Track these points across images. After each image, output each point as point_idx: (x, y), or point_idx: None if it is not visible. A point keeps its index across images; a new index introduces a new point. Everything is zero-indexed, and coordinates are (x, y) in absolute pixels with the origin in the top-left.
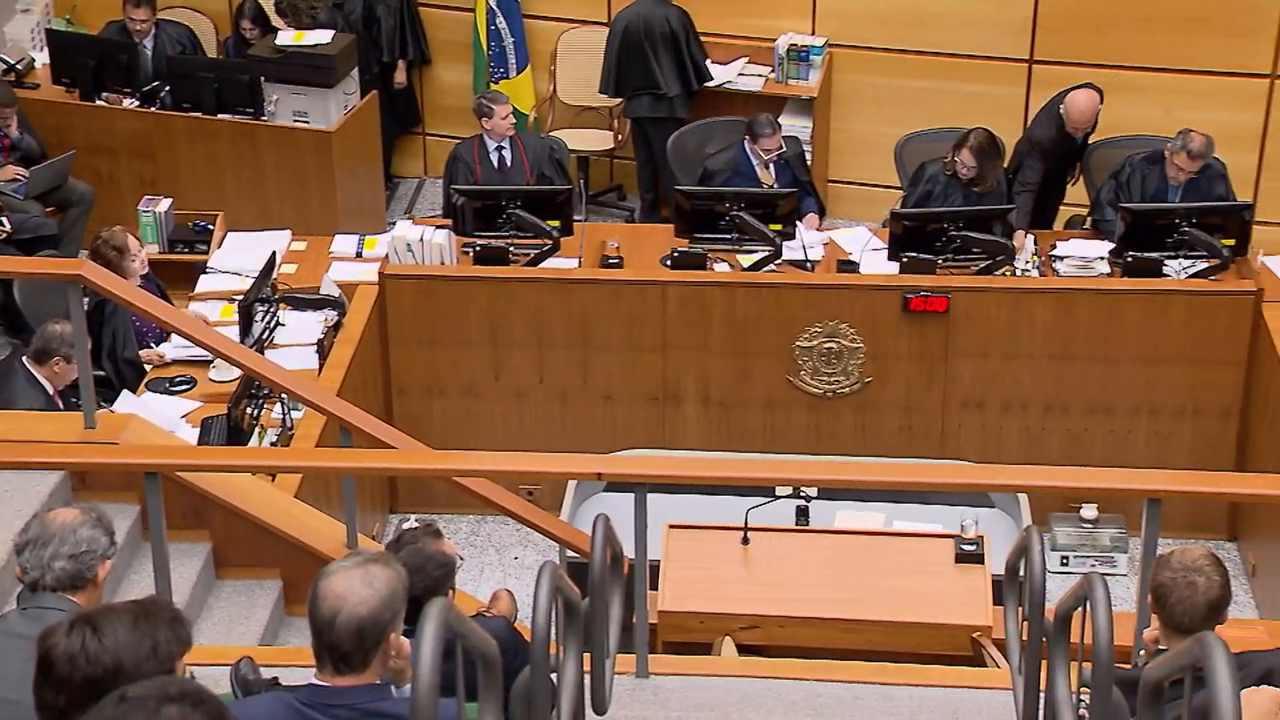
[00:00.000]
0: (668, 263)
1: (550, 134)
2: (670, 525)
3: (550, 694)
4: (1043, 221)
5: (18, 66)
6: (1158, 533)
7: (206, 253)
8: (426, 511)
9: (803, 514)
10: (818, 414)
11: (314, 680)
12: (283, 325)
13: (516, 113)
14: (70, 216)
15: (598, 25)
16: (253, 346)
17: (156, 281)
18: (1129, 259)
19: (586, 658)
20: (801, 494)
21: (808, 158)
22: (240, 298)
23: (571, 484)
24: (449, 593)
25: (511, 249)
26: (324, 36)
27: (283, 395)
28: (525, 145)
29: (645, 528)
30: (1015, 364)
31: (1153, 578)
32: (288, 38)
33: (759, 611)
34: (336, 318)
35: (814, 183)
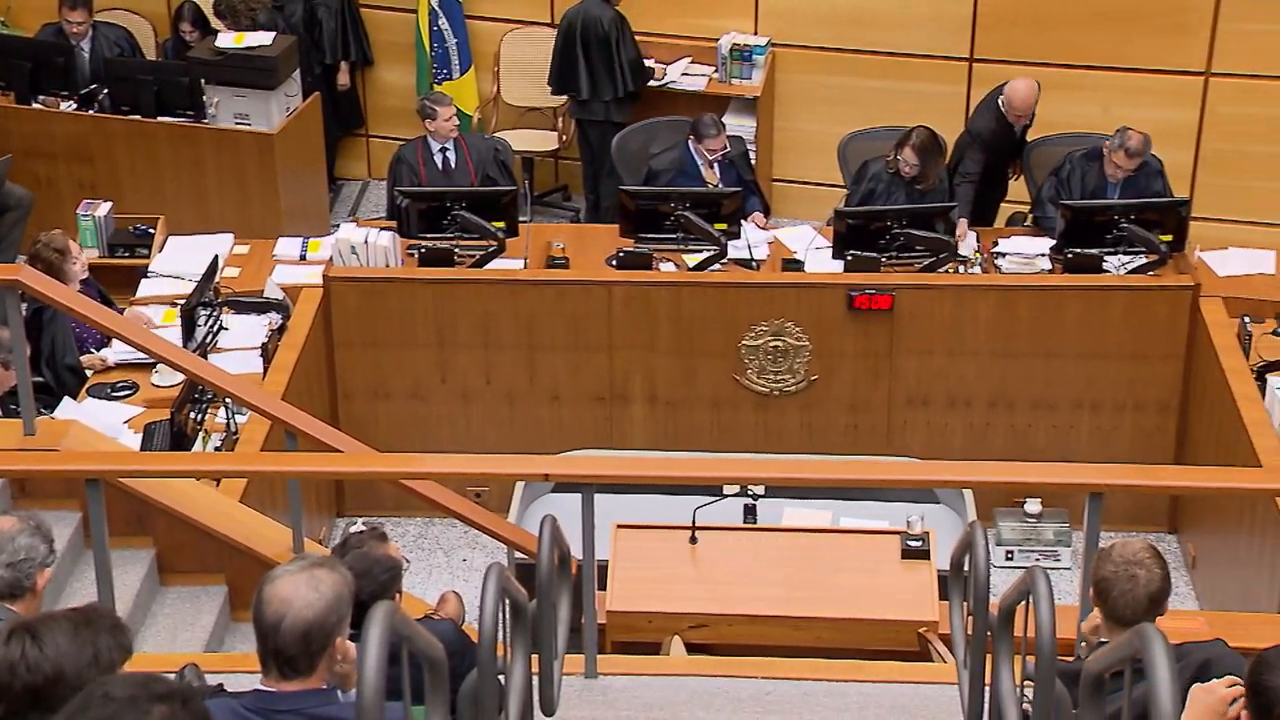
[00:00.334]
0: (613, 263)
1: (494, 135)
2: (618, 525)
3: (498, 696)
4: (985, 219)
5: None
6: (1100, 526)
7: (147, 257)
8: (374, 515)
9: (750, 512)
10: (764, 412)
11: (259, 686)
12: (226, 329)
13: (460, 114)
14: (7, 221)
15: (541, 26)
16: (196, 351)
17: (97, 286)
18: (1069, 255)
19: (535, 659)
20: (749, 492)
21: (752, 157)
22: (182, 302)
23: (519, 485)
24: (395, 596)
25: (457, 250)
26: (264, 38)
27: (227, 400)
28: (469, 146)
29: (593, 528)
30: (959, 360)
31: (1094, 571)
32: (228, 40)
33: (707, 610)
34: (280, 321)
35: (758, 182)
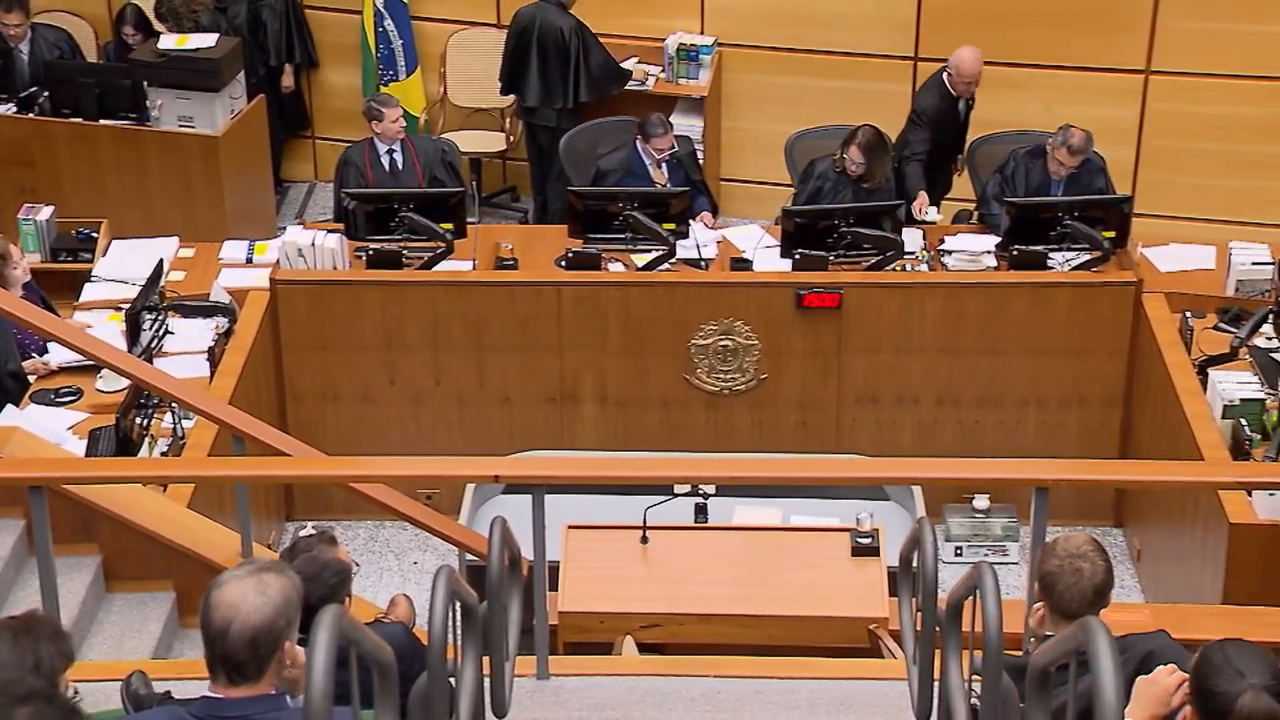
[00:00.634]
0: (562, 263)
1: (441, 136)
2: (569, 526)
3: (449, 698)
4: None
5: None
6: (1046, 521)
7: (91, 261)
8: (324, 518)
9: (701, 511)
10: (714, 411)
11: (207, 693)
12: (171, 333)
13: (407, 115)
14: None
15: (487, 26)
16: (141, 355)
17: (40, 292)
18: (1014, 252)
19: (487, 661)
20: (700, 492)
21: (699, 156)
22: (127, 306)
23: (470, 487)
24: (345, 600)
25: (405, 252)
26: (208, 40)
27: (173, 404)
28: (416, 148)
29: (544, 529)
30: (907, 358)
31: (1039, 566)
32: (170, 42)
33: (659, 610)
34: (227, 324)
35: (706, 181)
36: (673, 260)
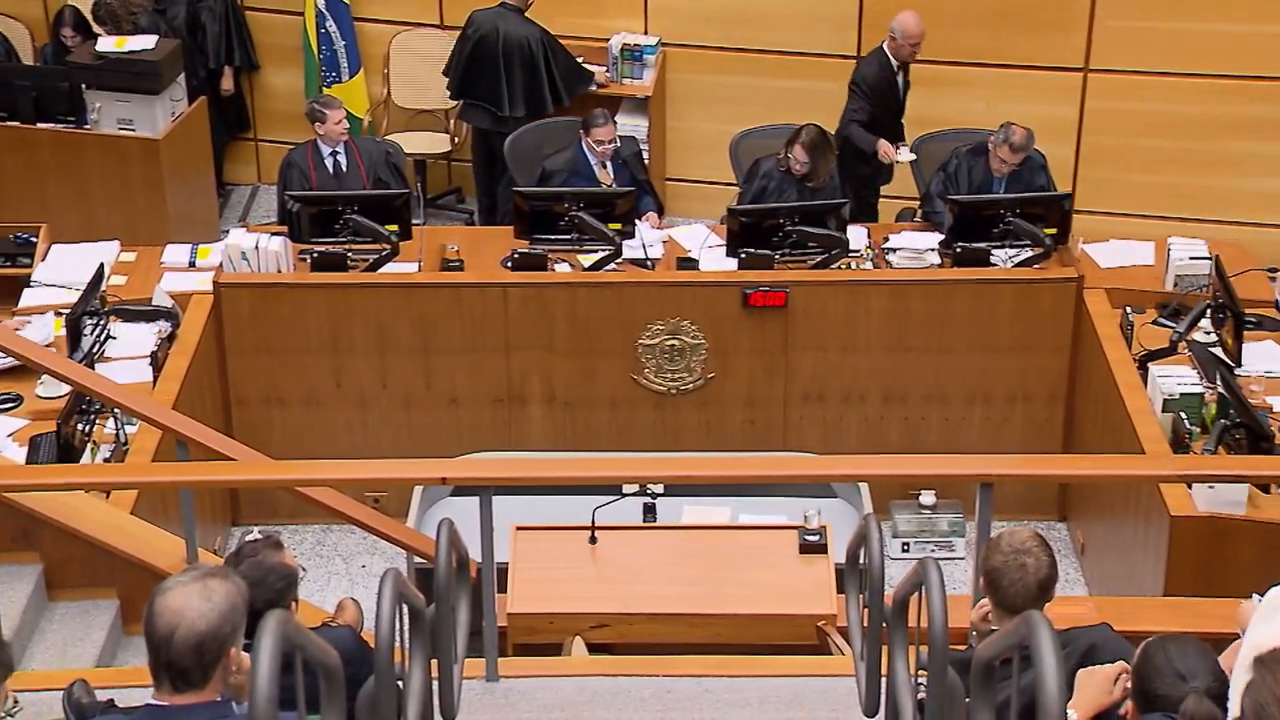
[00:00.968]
0: (508, 264)
1: (385, 138)
2: (517, 527)
3: (397, 702)
4: (875, 214)
5: None
6: (991, 516)
7: (30, 266)
8: (270, 523)
9: (650, 511)
10: (662, 411)
11: (151, 700)
12: (114, 338)
13: (350, 117)
14: None
15: (431, 28)
16: (82, 361)
17: None
18: (958, 249)
19: (435, 664)
20: (648, 491)
21: (645, 156)
22: (67, 311)
23: (417, 489)
24: (291, 604)
25: (350, 255)
26: (147, 42)
27: (115, 410)
28: (360, 150)
29: (492, 530)
30: (853, 356)
31: (984, 562)
32: (108, 44)
33: (608, 610)
34: (170, 329)
35: (651, 181)
36: (619, 260)
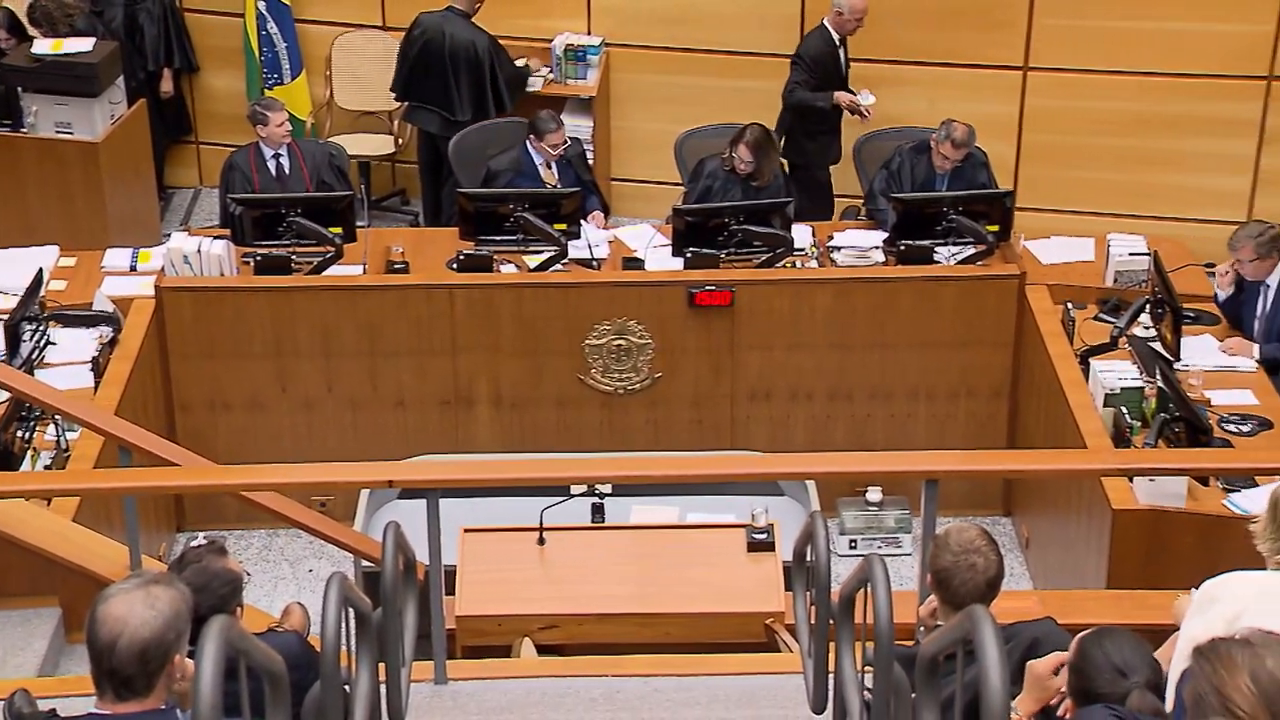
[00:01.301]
0: (454, 266)
1: (329, 140)
2: (465, 529)
3: (344, 706)
4: (822, 213)
5: None
6: (936, 512)
7: None
8: (216, 528)
9: (598, 511)
10: (610, 411)
11: (94, 709)
12: (53, 344)
13: (293, 119)
14: None
15: (373, 29)
16: (21, 367)
17: None
18: (902, 247)
19: (383, 668)
20: (596, 491)
21: (589, 157)
22: (5, 317)
23: (364, 493)
24: (236, 610)
25: (293, 257)
26: (84, 44)
27: (56, 416)
28: (303, 152)
29: (439, 533)
30: (799, 354)
31: (932, 561)
32: (44, 46)
33: (557, 611)
34: (111, 334)
35: (596, 181)
36: (565, 261)
